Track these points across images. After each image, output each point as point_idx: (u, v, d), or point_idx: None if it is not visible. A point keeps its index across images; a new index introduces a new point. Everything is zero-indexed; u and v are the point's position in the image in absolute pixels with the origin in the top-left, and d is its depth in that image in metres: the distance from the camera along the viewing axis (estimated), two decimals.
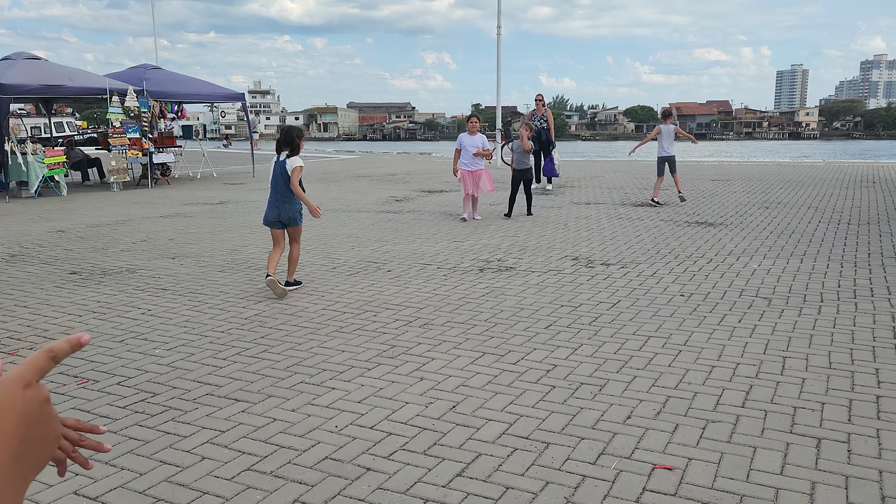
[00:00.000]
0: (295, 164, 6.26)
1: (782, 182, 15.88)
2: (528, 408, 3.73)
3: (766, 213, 10.80)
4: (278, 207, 6.30)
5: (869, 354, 4.46)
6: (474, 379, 4.16)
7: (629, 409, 3.69)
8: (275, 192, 6.35)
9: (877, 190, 13.93)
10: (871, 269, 6.88)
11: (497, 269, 7.14)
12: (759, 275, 6.69)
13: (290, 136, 6.33)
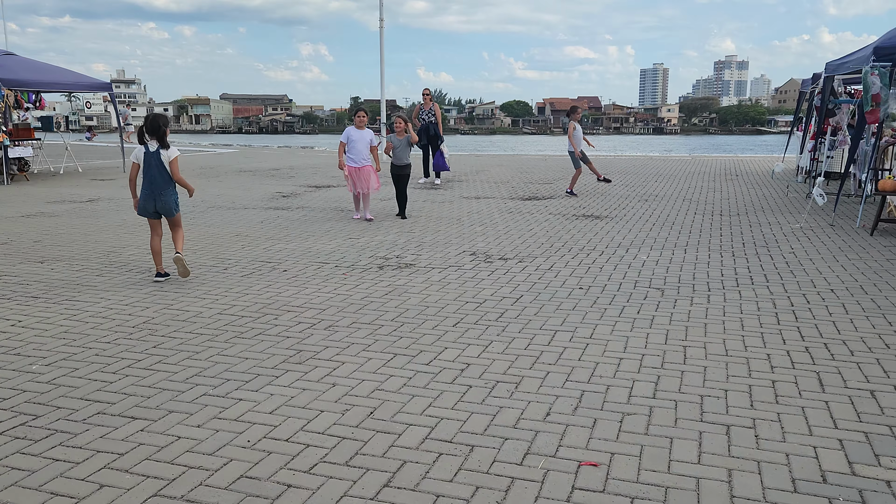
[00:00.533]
0: (173, 155, 6.28)
1: (656, 175, 16.71)
2: (448, 409, 3.66)
3: (646, 206, 11.30)
4: (154, 199, 6.37)
5: (759, 340, 4.72)
6: (389, 382, 4.04)
7: (547, 406, 3.70)
8: (150, 184, 6.27)
9: (740, 182, 14.93)
10: (748, 258, 7.33)
11: (397, 266, 7.03)
12: (650, 266, 6.96)
13: (156, 125, 6.19)
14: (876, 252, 7.54)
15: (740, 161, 21.88)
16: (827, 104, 12.53)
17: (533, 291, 6.02)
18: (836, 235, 8.52)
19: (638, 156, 26.33)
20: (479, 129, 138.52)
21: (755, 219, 9.88)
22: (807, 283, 6.24)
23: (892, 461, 3.09)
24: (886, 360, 4.33)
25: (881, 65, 8.99)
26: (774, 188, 13.75)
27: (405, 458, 3.17)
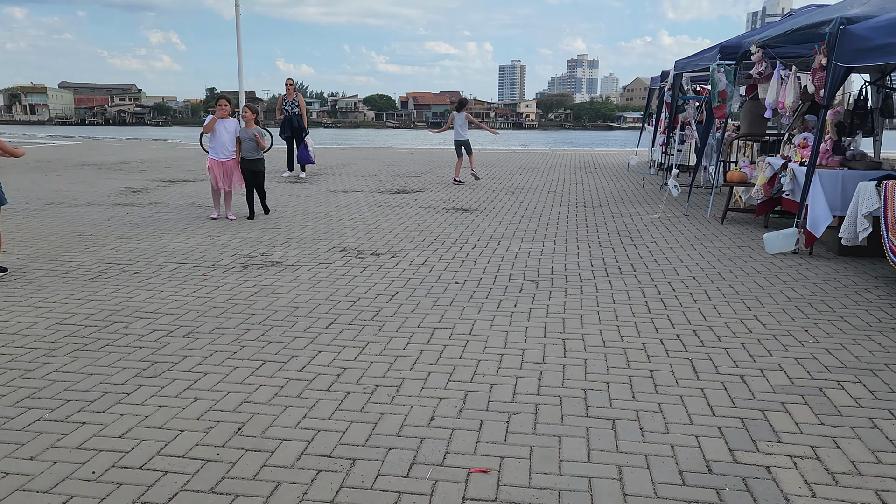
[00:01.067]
0: None
1: (520, 168, 17.04)
2: (325, 420, 3.38)
3: (513, 198, 11.43)
4: None
5: (633, 330, 4.77)
6: (258, 393, 3.69)
7: (431, 410, 3.50)
8: None
9: (599, 175, 15.50)
10: (614, 247, 7.51)
11: (262, 264, 6.60)
12: (522, 258, 6.96)
13: None
14: (727, 239, 7.97)
15: (597, 154, 22.82)
16: (677, 101, 13.22)
17: (408, 287, 5.82)
18: (690, 225, 8.95)
19: (502, 149, 26.86)
20: (342, 123, 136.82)
21: (616, 210, 10.22)
22: (670, 271, 6.45)
23: (768, 446, 3.15)
24: (750, 344, 4.49)
25: (726, 63, 9.53)
26: (631, 180, 14.37)
27: (279, 478, 2.86)
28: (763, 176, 8.57)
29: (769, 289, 5.84)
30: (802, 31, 7.63)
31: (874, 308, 5.30)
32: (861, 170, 7.09)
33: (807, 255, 7.18)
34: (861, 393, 3.72)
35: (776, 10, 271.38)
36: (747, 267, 6.63)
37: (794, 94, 7.93)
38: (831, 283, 6.05)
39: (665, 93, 14.37)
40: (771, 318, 5.02)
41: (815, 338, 4.61)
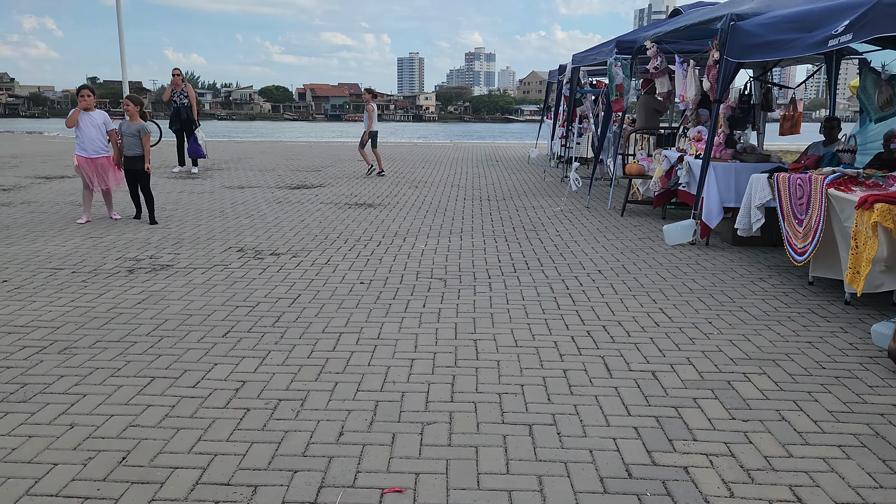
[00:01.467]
0: None
1: (422, 162, 16.89)
2: (223, 442, 3.09)
3: (417, 192, 11.26)
4: None
5: (544, 328, 4.70)
6: (146, 415, 3.35)
7: (340, 424, 3.28)
8: None
9: (501, 168, 15.57)
10: (520, 242, 7.47)
11: (151, 268, 6.13)
12: (429, 255, 6.80)
13: None
14: (629, 231, 8.10)
15: (498, 147, 23.00)
16: (575, 94, 13.42)
17: (311, 290, 5.54)
18: (592, 217, 9.06)
19: (403, 142, 26.65)
20: (237, 115, 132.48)
21: (520, 203, 10.24)
22: (576, 265, 6.46)
23: (684, 445, 3.12)
24: (659, 338, 4.51)
25: (623, 57, 9.70)
26: (532, 173, 14.50)
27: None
28: (660, 168, 8.77)
29: (672, 281, 5.93)
30: (695, 27, 7.84)
31: (770, 297, 5.47)
32: (752, 162, 7.35)
33: (704, 245, 7.38)
34: (766, 384, 3.77)
35: (661, 7, 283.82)
36: (649, 259, 6.73)
37: (695, 87, 8.13)
38: (728, 273, 6.22)
39: (563, 86, 14.57)
40: (676, 311, 5.08)
41: (719, 329, 4.69)
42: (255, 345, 4.31)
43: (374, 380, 3.79)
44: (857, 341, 4.46)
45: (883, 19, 4.79)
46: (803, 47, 5.90)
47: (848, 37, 5.21)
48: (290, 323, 4.73)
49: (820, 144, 8.42)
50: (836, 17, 5.43)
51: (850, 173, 5.20)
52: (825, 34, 5.52)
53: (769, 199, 6.21)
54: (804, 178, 5.50)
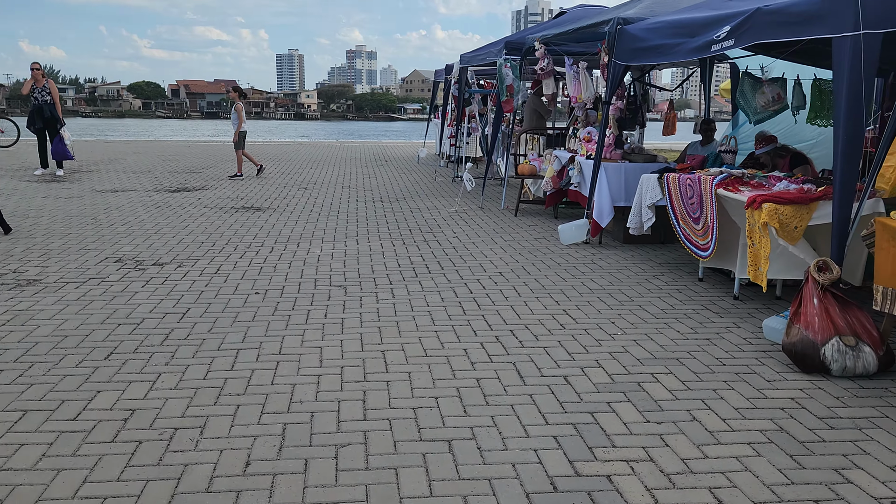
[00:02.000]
0: None
1: (309, 162, 16.46)
2: (113, 483, 2.78)
3: (307, 194, 10.91)
4: None
5: (452, 335, 4.60)
6: (17, 456, 2.96)
7: (246, 453, 3.03)
8: None
9: (391, 168, 15.42)
10: (418, 245, 7.36)
11: (15, 283, 5.55)
12: (325, 260, 6.55)
13: None
14: (524, 231, 8.17)
15: (386, 147, 22.82)
16: (464, 94, 13.47)
17: (202, 302, 5.18)
18: (487, 218, 9.08)
19: (288, 142, 25.93)
20: (104, 112, 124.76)
21: (414, 204, 10.12)
22: (477, 268, 6.42)
23: (604, 452, 3.10)
24: (566, 341, 4.51)
25: (512, 58, 9.79)
26: (423, 173, 14.44)
27: None
28: (552, 168, 8.90)
29: (571, 281, 5.99)
30: (583, 30, 7.99)
31: (665, 294, 5.63)
32: (640, 162, 7.59)
33: (597, 244, 7.54)
34: (674, 384, 3.84)
35: (537, 9, 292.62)
36: (547, 259, 6.79)
37: (591, 88, 8.30)
38: (623, 271, 6.37)
39: (451, 86, 14.60)
40: (579, 312, 5.12)
41: (622, 329, 4.76)
42: (142, 367, 3.94)
43: (280, 400, 3.55)
44: (750, 336, 4.64)
45: (762, 26, 5.02)
46: (687, 51, 6.11)
47: (730, 42, 5.43)
48: (181, 340, 4.38)
49: (697, 144, 8.83)
50: (718, 24, 5.65)
51: (736, 173, 5.43)
52: (708, 39, 5.74)
53: (660, 198, 6.40)
54: (693, 179, 5.69)
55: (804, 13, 4.57)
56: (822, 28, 4.39)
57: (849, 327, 3.98)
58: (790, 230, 4.57)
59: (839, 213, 4.21)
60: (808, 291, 4.13)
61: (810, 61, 7.40)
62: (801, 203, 4.59)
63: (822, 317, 3.99)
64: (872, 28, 4.06)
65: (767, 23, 4.97)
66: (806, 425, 3.37)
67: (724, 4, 5.99)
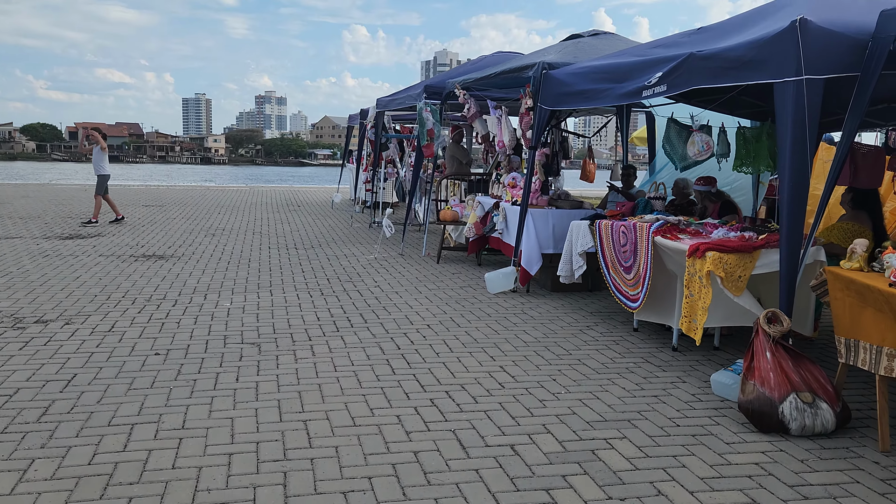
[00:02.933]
0: None
1: (218, 207, 15.67)
2: None
3: (215, 241, 10.22)
4: None
5: (382, 398, 4.13)
6: None
7: None
8: None
9: (305, 213, 14.84)
10: (338, 295, 6.86)
11: None
12: (237, 314, 5.96)
13: None
14: (449, 280, 7.81)
15: (298, 192, 22.18)
16: (380, 138, 13.16)
17: (91, 367, 4.51)
18: (409, 265, 8.69)
19: (194, 186, 24.85)
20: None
21: (331, 251, 9.62)
22: (403, 320, 5.98)
23: None
24: (508, 403, 4.13)
25: (432, 102, 9.56)
26: (338, 218, 13.94)
27: None
28: (474, 214, 8.64)
29: (504, 333, 5.65)
30: (506, 74, 7.84)
31: (602, 346, 5.36)
32: (567, 209, 7.40)
33: (525, 293, 7.26)
34: (631, 451, 3.51)
35: (445, 60, 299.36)
36: (476, 309, 6.43)
37: (509, 133, 8.11)
38: (557, 322, 6.08)
39: (367, 130, 14.28)
40: (517, 368, 4.76)
41: (565, 387, 4.42)
42: (11, 452, 3.28)
43: (183, 490, 2.98)
44: (698, 391, 4.39)
45: (696, 72, 4.92)
46: (616, 97, 5.99)
47: (662, 88, 5.32)
48: (63, 415, 3.72)
49: (616, 191, 8.79)
50: (649, 70, 5.55)
51: (672, 220, 5.27)
52: (638, 85, 5.63)
53: (591, 245, 6.19)
54: (628, 226, 5.50)
55: (741, 59, 4.48)
56: (762, 74, 4.30)
57: (804, 382, 3.78)
58: (734, 279, 4.39)
59: (787, 261, 4.06)
60: (760, 345, 3.92)
61: (727, 110, 7.49)
62: (744, 251, 4.43)
63: (777, 372, 3.78)
64: (815, 73, 3.97)
65: (702, 69, 4.87)
66: (778, 495, 3.09)
67: (652, 51, 5.92)
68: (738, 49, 4.54)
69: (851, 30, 4.09)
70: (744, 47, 4.48)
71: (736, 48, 4.56)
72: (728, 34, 5.38)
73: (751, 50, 4.39)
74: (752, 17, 5.55)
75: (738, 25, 5.48)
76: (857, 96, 4.03)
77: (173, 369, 4.52)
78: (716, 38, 5.37)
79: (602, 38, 8.13)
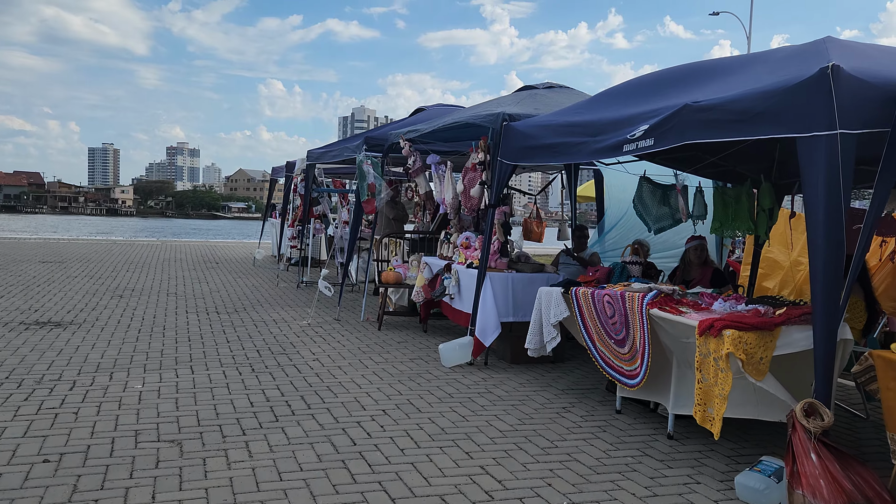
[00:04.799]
0: None
1: (126, 264, 14.31)
2: None
3: (123, 304, 9.04)
4: None
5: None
6: None
7: None
8: None
9: (224, 271, 13.71)
10: (271, 371, 5.92)
11: None
12: (150, 400, 4.94)
13: None
14: (396, 351, 6.97)
15: (215, 247, 20.85)
16: (310, 192, 12.31)
17: None
18: (348, 333, 7.81)
19: (99, 240, 23.05)
20: None
21: (258, 316, 8.62)
22: (352, 403, 5.11)
23: None
24: None
25: (373, 155, 8.85)
26: (263, 277, 12.89)
27: None
28: (422, 277, 7.89)
29: (473, 419, 4.86)
30: (459, 127, 7.23)
31: (589, 435, 4.64)
32: (528, 272, 6.76)
33: (483, 365, 6.51)
34: None
35: (363, 116, 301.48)
36: (434, 388, 5.63)
37: (451, 190, 7.46)
38: (528, 403, 5.34)
39: (298, 184, 13.43)
40: (501, 469, 3.97)
41: (566, 495, 3.66)
42: None
43: None
44: (720, 497, 3.72)
45: (691, 125, 4.41)
46: (590, 152, 5.45)
47: (648, 142, 4.78)
48: None
49: (568, 253, 8.27)
50: (631, 123, 5.03)
51: (665, 290, 4.67)
52: (618, 139, 5.09)
53: (566, 315, 5.53)
54: (614, 295, 4.88)
55: (749, 111, 3.98)
56: (779, 127, 3.79)
57: (857, 490, 3.17)
58: (755, 362, 3.79)
59: (824, 342, 3.48)
60: (800, 444, 3.30)
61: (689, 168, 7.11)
62: (764, 329, 3.85)
63: (828, 479, 3.15)
64: (849, 128, 3.48)
65: (698, 121, 4.36)
66: None
67: (629, 102, 5.42)
68: (745, 100, 4.04)
69: (879, 80, 3.66)
70: (753, 98, 3.99)
71: (743, 98, 4.07)
72: (712, 81, 4.96)
73: (764, 100, 3.89)
74: (734, 64, 5.18)
75: (726, 71, 5.07)
76: (890, 155, 3.57)
77: (66, 485, 3.49)
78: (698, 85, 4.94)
79: (558, 92, 7.69)
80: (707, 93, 4.59)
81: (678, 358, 4.52)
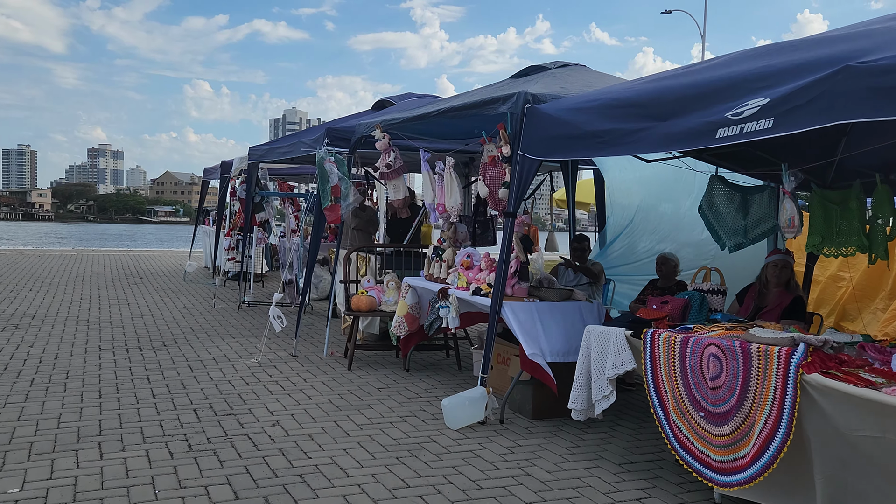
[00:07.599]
0: None
1: (31, 280, 12.13)
2: None
3: (16, 338, 7.09)
4: None
5: None
6: None
7: None
8: None
9: (149, 288, 11.72)
10: (217, 452, 4.19)
11: None
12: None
13: None
14: (379, 403, 5.33)
15: (139, 257, 18.59)
16: (253, 197, 10.49)
17: None
18: (311, 376, 6.12)
19: (4, 250, 20.39)
20: None
21: (193, 352, 6.82)
22: (332, 496, 3.46)
23: None
24: None
25: (337, 150, 7.16)
26: (195, 296, 10.97)
27: None
28: (403, 303, 6.27)
29: None
30: (458, 112, 5.64)
31: None
32: (554, 300, 5.21)
33: (499, 425, 4.95)
34: None
35: (295, 118, 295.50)
36: (449, 471, 4.02)
37: (458, 193, 5.87)
38: (585, 491, 3.80)
39: (237, 187, 11.58)
40: None
41: None
42: None
43: None
44: None
45: (855, 97, 2.97)
46: (658, 141, 3.99)
47: (765, 124, 3.34)
48: None
49: (569, 265, 6.85)
50: (730, 95, 3.58)
51: (814, 342, 3.18)
52: (707, 119, 3.64)
53: (633, 367, 4.02)
54: (728, 347, 3.38)
55: None
56: None
57: None
58: None
59: None
60: None
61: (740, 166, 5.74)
62: None
63: None
64: None
65: (867, 90, 2.93)
66: None
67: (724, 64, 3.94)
68: None
69: None
70: None
71: None
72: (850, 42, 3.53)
73: None
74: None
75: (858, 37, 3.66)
76: None
77: None
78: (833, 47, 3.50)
79: (578, 70, 6.18)
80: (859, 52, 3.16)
81: (831, 458, 3.02)
